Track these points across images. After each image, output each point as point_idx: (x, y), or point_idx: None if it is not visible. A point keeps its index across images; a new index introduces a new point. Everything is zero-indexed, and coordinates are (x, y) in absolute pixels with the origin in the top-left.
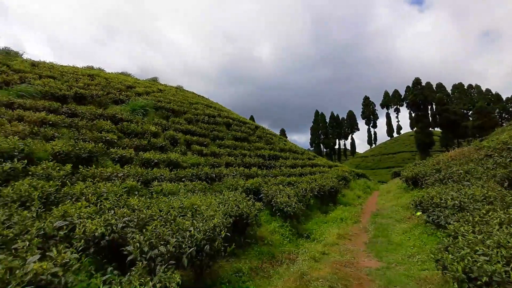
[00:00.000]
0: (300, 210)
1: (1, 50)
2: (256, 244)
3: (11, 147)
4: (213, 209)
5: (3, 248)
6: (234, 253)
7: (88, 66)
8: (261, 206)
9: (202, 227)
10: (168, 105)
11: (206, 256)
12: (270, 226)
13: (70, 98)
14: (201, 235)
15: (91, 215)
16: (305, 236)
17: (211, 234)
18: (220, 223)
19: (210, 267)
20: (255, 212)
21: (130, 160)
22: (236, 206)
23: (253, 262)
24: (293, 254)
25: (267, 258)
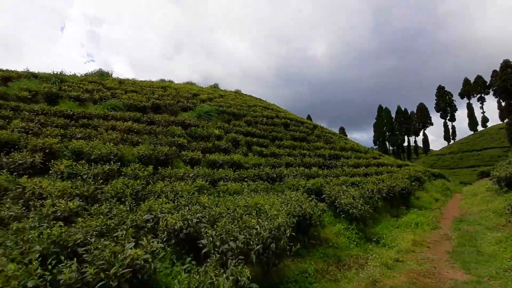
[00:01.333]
0: (367, 212)
1: (97, 72)
2: (321, 246)
3: (108, 151)
4: (276, 209)
5: (107, 235)
6: (298, 253)
7: (161, 79)
8: (324, 207)
9: (267, 226)
10: (229, 109)
11: (273, 254)
12: (335, 228)
13: (148, 109)
14: (266, 233)
15: (171, 211)
16: (374, 240)
17: (276, 233)
18: (284, 223)
19: (276, 265)
20: (318, 213)
21: (199, 161)
22: (298, 206)
23: (318, 263)
24: (361, 259)
25: (333, 261)
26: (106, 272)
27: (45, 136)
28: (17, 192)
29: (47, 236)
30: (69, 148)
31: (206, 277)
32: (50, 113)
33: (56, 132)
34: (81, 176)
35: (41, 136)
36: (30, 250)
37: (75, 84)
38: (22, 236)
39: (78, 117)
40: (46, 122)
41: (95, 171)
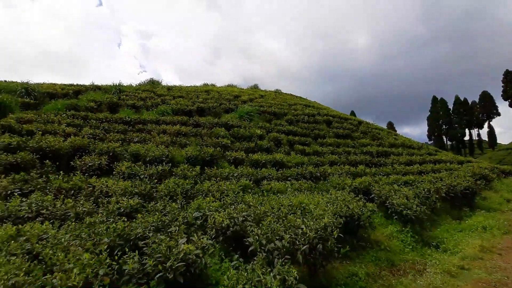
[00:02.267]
0: (424, 214)
1: (148, 81)
2: (371, 249)
3: (160, 153)
4: (322, 208)
5: (162, 230)
6: (347, 255)
7: (204, 83)
8: (373, 207)
9: (313, 226)
10: (270, 109)
11: (320, 255)
12: (386, 230)
13: (194, 112)
14: (313, 234)
15: (218, 209)
16: (433, 245)
17: (322, 233)
18: (330, 223)
19: (324, 267)
20: (367, 214)
21: (242, 161)
22: (345, 206)
23: (369, 267)
24: (418, 265)
25: (386, 265)
26: (163, 265)
27: (109, 141)
28: (89, 191)
29: (113, 230)
30: (128, 151)
31: (253, 274)
32: (112, 120)
33: (117, 137)
34: (139, 176)
35: (106, 141)
36: (100, 242)
37: (131, 93)
38: (94, 229)
39: (135, 123)
40: (109, 128)
41: (150, 171)
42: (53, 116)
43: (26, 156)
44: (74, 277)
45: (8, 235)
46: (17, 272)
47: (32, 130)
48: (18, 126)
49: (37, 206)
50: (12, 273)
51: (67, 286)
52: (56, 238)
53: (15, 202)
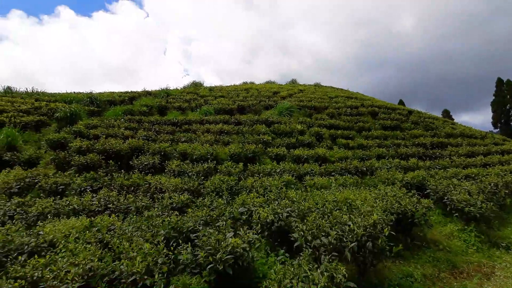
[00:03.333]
0: (491, 211)
1: (191, 84)
2: (428, 248)
3: (205, 152)
4: (370, 205)
5: (211, 224)
6: (400, 255)
7: (244, 82)
8: (429, 203)
9: (361, 223)
10: (309, 103)
11: (369, 253)
12: (445, 229)
13: (235, 110)
14: (361, 231)
15: (262, 204)
16: (502, 246)
17: (372, 230)
18: (380, 220)
19: (374, 266)
20: (422, 211)
21: (284, 157)
22: (396, 202)
23: (426, 268)
24: (485, 267)
25: (446, 266)
26: (213, 256)
27: (160, 142)
28: (145, 187)
29: (167, 223)
30: (177, 150)
31: (300, 270)
32: (162, 122)
33: (167, 137)
34: (187, 174)
35: (157, 141)
36: (157, 234)
37: (177, 96)
38: (151, 222)
39: (181, 123)
40: (160, 130)
41: (197, 169)
42: (113, 121)
43: (94, 157)
44: (138, 264)
45: (84, 226)
46: (92, 258)
47: (98, 134)
48: (86, 131)
49: (105, 201)
50: (88, 259)
51: (132, 272)
52: (121, 229)
53: (88, 197)
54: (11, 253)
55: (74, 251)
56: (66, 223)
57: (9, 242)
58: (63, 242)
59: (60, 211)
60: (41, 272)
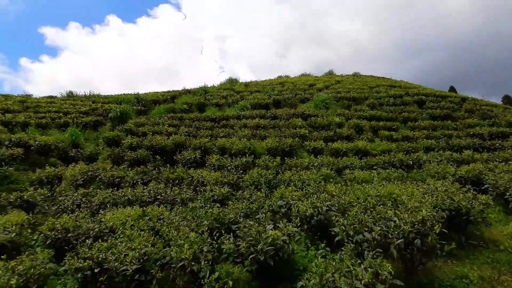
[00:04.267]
0: None
1: (227, 80)
2: (486, 249)
3: (243, 146)
4: (417, 200)
5: (251, 217)
6: (453, 254)
7: (278, 76)
8: (487, 200)
9: (408, 219)
10: (348, 94)
11: (418, 251)
12: (507, 228)
13: (270, 105)
14: (408, 227)
15: (300, 198)
16: None
17: (420, 227)
18: (430, 217)
19: (423, 264)
20: (479, 208)
21: (321, 150)
22: (448, 198)
23: (484, 270)
24: None
25: (507, 269)
26: (254, 247)
27: (200, 137)
28: (189, 180)
29: (210, 214)
30: (216, 145)
31: (342, 265)
32: (201, 119)
33: (206, 133)
34: (226, 168)
35: (197, 137)
36: (201, 224)
37: (214, 93)
38: (195, 213)
39: (219, 119)
40: (199, 126)
41: (235, 163)
42: (158, 119)
43: (143, 153)
44: (186, 251)
45: (137, 215)
46: (146, 244)
47: (145, 132)
48: (135, 129)
49: (154, 193)
50: (142, 244)
51: (181, 258)
52: (169, 218)
53: (139, 189)
54: (80, 236)
55: (131, 237)
56: (123, 212)
57: (78, 227)
58: (121, 228)
59: (117, 201)
60: (104, 254)
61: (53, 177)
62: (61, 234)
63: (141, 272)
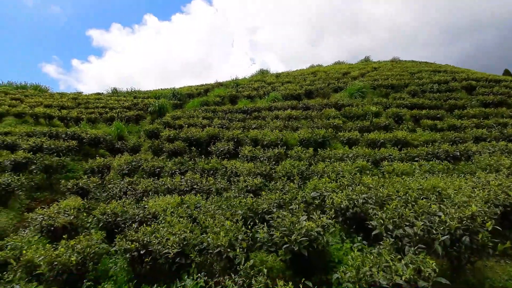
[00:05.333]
0: None
1: (258, 72)
2: None
3: (275, 137)
4: (466, 194)
5: (284, 207)
6: (507, 254)
7: (311, 65)
8: None
9: (455, 214)
10: (386, 82)
11: (466, 249)
12: None
13: (302, 95)
14: (455, 223)
15: (334, 190)
16: None
17: (469, 223)
18: (481, 212)
19: (472, 263)
20: None
21: (356, 141)
22: (503, 193)
23: None
24: None
25: None
26: (288, 237)
27: (233, 129)
28: (223, 171)
29: (244, 204)
30: (248, 136)
31: (380, 259)
32: (233, 111)
33: (238, 125)
34: (259, 159)
35: (230, 129)
36: (235, 213)
37: (246, 85)
38: (230, 202)
39: (251, 111)
40: (232, 118)
41: (268, 154)
42: (193, 112)
43: (180, 145)
44: (222, 239)
45: (176, 202)
46: (185, 230)
47: (181, 124)
48: (172, 122)
49: (191, 182)
50: (182, 230)
51: (217, 245)
52: (205, 207)
53: (177, 179)
54: (127, 221)
55: (171, 223)
56: (163, 200)
57: (125, 212)
58: (162, 215)
59: (158, 190)
60: (148, 237)
61: (102, 166)
62: (111, 218)
63: (181, 256)
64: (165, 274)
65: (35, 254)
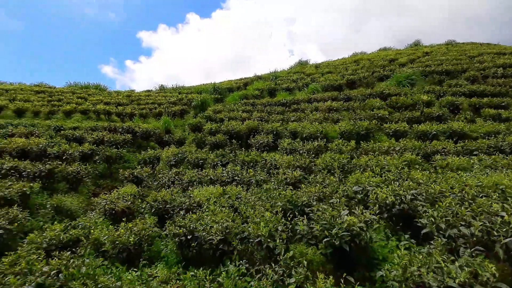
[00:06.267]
0: None
1: (297, 63)
2: None
3: (314, 130)
4: None
5: (324, 201)
6: None
7: (353, 53)
8: None
9: None
10: (439, 68)
11: None
12: None
13: (344, 86)
14: None
15: (379, 184)
16: None
17: None
18: None
19: None
20: None
21: (404, 133)
22: None
23: None
24: None
25: None
26: (329, 231)
27: (272, 122)
28: (262, 163)
29: (283, 196)
30: (287, 129)
31: (431, 259)
32: (272, 104)
33: (277, 118)
34: (298, 151)
35: (269, 122)
36: (275, 204)
37: (284, 78)
38: (269, 194)
39: (290, 103)
40: (271, 111)
41: (307, 147)
42: (233, 105)
43: (221, 137)
44: (262, 229)
45: (219, 193)
46: (227, 219)
47: (222, 118)
48: (214, 116)
49: (232, 174)
50: (224, 219)
51: (258, 234)
52: (246, 198)
53: (219, 170)
54: (175, 208)
55: (214, 212)
56: (207, 190)
57: (173, 200)
58: (206, 204)
59: (202, 180)
60: (194, 224)
61: (153, 158)
62: (161, 205)
63: (224, 243)
64: (209, 259)
65: (101, 233)
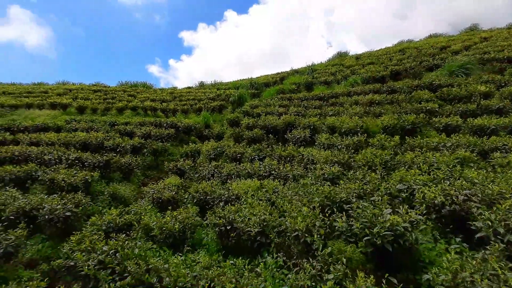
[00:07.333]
0: None
1: (336, 55)
2: None
3: (354, 125)
4: None
5: (364, 198)
6: None
7: (399, 42)
8: None
9: None
10: (500, 54)
11: None
12: None
13: (387, 77)
14: None
15: (426, 183)
16: None
17: None
18: None
19: None
20: None
21: (457, 128)
22: None
23: None
24: None
25: None
26: (369, 230)
27: (309, 116)
28: (299, 158)
29: (321, 192)
30: (325, 124)
31: (486, 265)
32: (309, 98)
33: (315, 112)
34: (336, 147)
35: (306, 116)
36: (312, 200)
37: (322, 71)
38: (307, 189)
39: (328, 97)
40: (308, 105)
41: (346, 142)
42: (269, 100)
43: (258, 132)
44: (299, 223)
45: (256, 186)
46: (264, 212)
47: (259, 113)
48: (251, 111)
49: (269, 168)
50: (261, 212)
51: (295, 229)
52: (283, 192)
53: (256, 164)
54: (215, 199)
55: (252, 204)
56: (244, 183)
57: (213, 192)
58: (244, 197)
59: (240, 174)
60: (233, 215)
61: (194, 151)
62: (202, 196)
63: (261, 235)
64: (247, 249)
65: (150, 219)
